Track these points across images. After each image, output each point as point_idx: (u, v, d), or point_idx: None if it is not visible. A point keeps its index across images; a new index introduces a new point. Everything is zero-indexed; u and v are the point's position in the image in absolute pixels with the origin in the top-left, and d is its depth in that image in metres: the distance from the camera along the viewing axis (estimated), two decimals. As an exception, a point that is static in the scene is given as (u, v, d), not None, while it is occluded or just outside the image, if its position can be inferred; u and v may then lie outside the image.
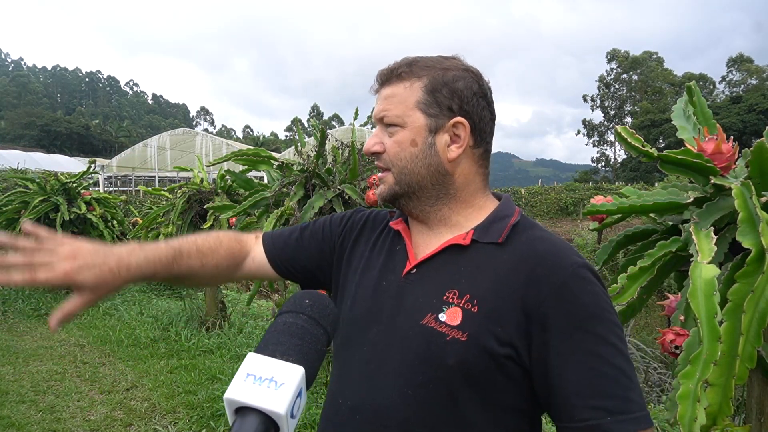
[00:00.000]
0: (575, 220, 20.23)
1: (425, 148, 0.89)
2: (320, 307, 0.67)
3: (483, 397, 0.80)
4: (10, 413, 3.40)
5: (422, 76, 0.89)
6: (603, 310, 0.78)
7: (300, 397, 0.55)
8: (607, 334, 0.77)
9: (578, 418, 0.74)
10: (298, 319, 0.64)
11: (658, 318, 6.65)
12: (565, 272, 0.80)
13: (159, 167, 27.10)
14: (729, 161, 1.28)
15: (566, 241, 0.88)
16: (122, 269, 0.87)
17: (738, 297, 1.06)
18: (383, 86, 0.92)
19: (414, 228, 0.97)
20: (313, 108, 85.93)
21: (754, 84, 47.24)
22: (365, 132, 5.27)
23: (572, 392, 0.75)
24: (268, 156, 3.43)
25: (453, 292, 0.83)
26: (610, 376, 0.75)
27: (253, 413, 0.52)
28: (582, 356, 0.76)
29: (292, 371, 0.55)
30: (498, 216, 0.91)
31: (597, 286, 0.80)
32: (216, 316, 5.42)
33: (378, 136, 0.93)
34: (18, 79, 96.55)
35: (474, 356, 0.79)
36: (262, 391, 0.53)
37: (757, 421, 1.26)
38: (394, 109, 0.89)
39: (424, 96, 0.88)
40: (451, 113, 0.89)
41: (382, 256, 0.97)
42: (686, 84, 1.56)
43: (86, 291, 0.83)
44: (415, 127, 0.89)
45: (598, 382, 0.74)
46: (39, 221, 6.11)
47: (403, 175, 0.90)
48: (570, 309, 0.78)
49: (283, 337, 0.61)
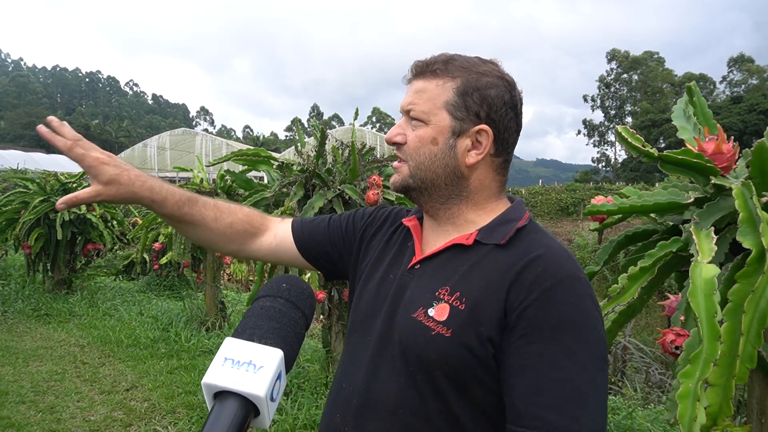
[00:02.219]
0: (576, 221, 20.24)
1: (445, 148, 0.90)
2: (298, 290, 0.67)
3: (466, 392, 0.81)
4: (10, 414, 3.40)
5: (456, 76, 0.89)
6: (581, 324, 0.76)
7: (280, 380, 0.55)
8: (577, 348, 0.74)
9: (521, 423, 0.73)
10: (275, 303, 0.63)
11: (659, 318, 6.64)
12: (555, 279, 0.78)
13: (159, 167, 27.10)
14: (729, 161, 1.27)
15: (569, 252, 0.86)
16: (138, 181, 0.98)
17: (738, 297, 1.05)
18: (416, 78, 0.92)
19: (426, 225, 0.99)
20: (313, 108, 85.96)
21: (755, 84, 47.22)
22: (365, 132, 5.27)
23: (521, 395, 0.74)
24: (268, 156, 3.43)
25: (446, 289, 0.85)
26: (563, 391, 0.72)
27: (233, 397, 0.52)
28: (541, 362, 0.74)
29: (270, 354, 0.55)
30: (505, 219, 0.91)
31: (585, 301, 0.78)
32: (216, 316, 5.42)
33: (402, 126, 0.94)
34: (18, 79, 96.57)
35: (456, 352, 0.80)
36: (241, 374, 0.52)
37: (757, 421, 1.26)
38: (422, 105, 0.90)
39: (454, 98, 0.88)
40: (478, 119, 0.88)
41: (393, 250, 1.00)
42: (686, 84, 1.56)
43: (101, 183, 0.95)
44: (439, 127, 0.89)
45: (550, 394, 0.72)
46: (39, 221, 6.11)
47: (419, 171, 0.91)
48: (546, 314, 0.76)
49: (261, 321, 0.60)
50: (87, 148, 0.96)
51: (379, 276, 0.97)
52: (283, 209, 3.07)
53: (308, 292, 0.68)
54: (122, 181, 0.96)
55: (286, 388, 3.62)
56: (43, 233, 6.15)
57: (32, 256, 6.40)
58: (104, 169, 0.95)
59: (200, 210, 1.06)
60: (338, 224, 1.12)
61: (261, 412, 0.52)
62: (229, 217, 1.09)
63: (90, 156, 0.94)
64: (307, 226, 1.13)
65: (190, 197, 1.05)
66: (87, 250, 6.67)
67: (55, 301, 6.24)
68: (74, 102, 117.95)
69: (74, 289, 6.71)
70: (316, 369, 3.91)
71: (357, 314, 0.98)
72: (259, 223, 1.13)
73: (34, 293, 6.48)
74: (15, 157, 19.61)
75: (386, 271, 0.97)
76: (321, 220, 1.15)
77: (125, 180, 0.96)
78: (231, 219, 1.09)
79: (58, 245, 6.29)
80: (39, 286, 6.79)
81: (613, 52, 56.28)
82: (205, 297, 5.59)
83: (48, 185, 6.36)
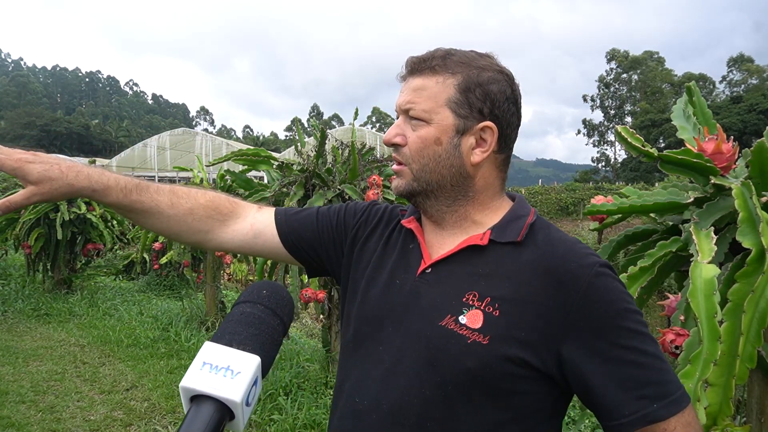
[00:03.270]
0: (575, 220, 20.24)
1: (450, 148, 0.86)
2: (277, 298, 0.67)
3: (501, 399, 0.80)
4: (10, 413, 3.40)
5: (456, 72, 0.85)
6: (627, 303, 0.79)
7: (255, 386, 0.56)
8: (636, 325, 0.78)
9: (628, 412, 0.75)
10: (255, 309, 0.64)
11: (659, 318, 6.63)
12: (588, 275, 0.79)
13: (159, 167, 27.10)
14: (729, 161, 1.27)
15: (580, 240, 0.87)
16: (71, 172, 0.90)
17: (738, 297, 1.05)
18: (413, 75, 0.88)
19: (426, 227, 0.95)
20: (313, 108, 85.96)
21: (755, 84, 47.24)
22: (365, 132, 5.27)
23: (618, 389, 0.76)
24: (268, 156, 3.43)
25: (473, 294, 0.82)
26: (646, 365, 0.76)
27: (209, 401, 0.53)
28: (619, 352, 0.76)
29: (248, 360, 0.56)
30: (514, 216, 0.89)
31: (617, 282, 0.81)
32: (216, 316, 5.42)
33: (400, 127, 0.89)
34: (18, 79, 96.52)
35: (495, 360, 0.78)
36: (218, 379, 0.53)
37: (757, 421, 1.26)
38: (423, 104, 0.86)
39: (456, 95, 0.85)
40: (481, 116, 0.86)
41: (394, 254, 0.95)
42: (686, 84, 1.56)
43: (31, 182, 0.87)
44: (442, 126, 0.85)
45: (638, 374, 0.76)
46: (39, 221, 6.11)
47: (423, 173, 0.87)
48: (598, 310, 0.78)
49: (240, 327, 0.61)
50: (7, 152, 0.88)
51: (384, 281, 0.92)
52: (283, 209, 3.06)
53: (287, 300, 0.68)
54: (53, 176, 0.88)
55: (286, 387, 3.62)
56: (43, 233, 6.15)
57: (32, 256, 6.40)
58: (30, 168, 0.87)
59: (152, 196, 0.97)
60: (327, 219, 1.05)
61: (236, 416, 0.53)
62: (188, 203, 1.00)
63: (10, 159, 0.87)
64: (293, 219, 1.05)
65: (139, 184, 0.97)
66: (87, 250, 6.67)
67: (55, 300, 6.24)
68: (74, 102, 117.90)
69: (74, 289, 6.72)
70: (316, 369, 3.91)
71: (359, 323, 0.93)
72: (228, 210, 1.03)
73: (34, 293, 6.49)
74: (15, 157, 19.56)
75: (391, 277, 0.92)
76: (308, 213, 1.07)
77: (56, 174, 0.88)
78: (190, 204, 1.00)
79: (58, 245, 6.29)
80: (39, 286, 6.79)
81: (613, 52, 56.28)
82: (205, 297, 5.59)
83: (48, 185, 6.35)
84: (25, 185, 0.88)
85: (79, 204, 6.24)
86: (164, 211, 0.99)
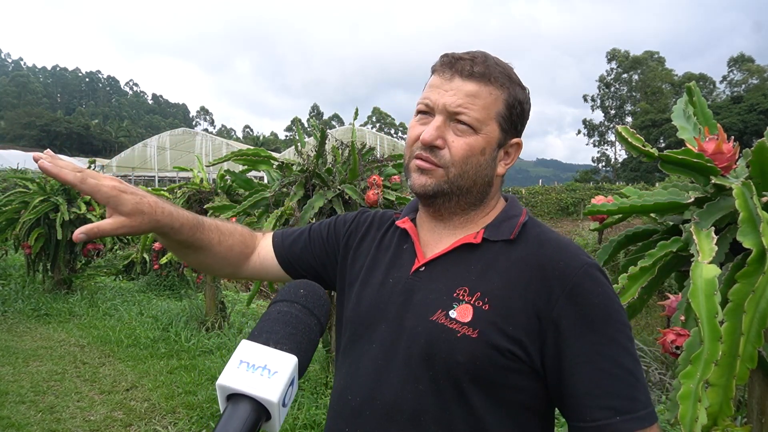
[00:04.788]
0: (576, 220, 20.23)
1: (490, 160, 0.89)
2: (314, 297, 0.67)
3: (492, 393, 0.81)
4: (10, 413, 3.40)
5: (504, 86, 0.88)
6: (613, 311, 0.80)
7: (292, 386, 0.55)
8: (617, 335, 0.79)
9: (589, 418, 0.76)
10: (292, 308, 0.64)
11: (659, 318, 6.63)
12: (576, 274, 0.81)
13: (159, 167, 27.10)
14: (730, 161, 1.27)
15: (573, 241, 0.89)
16: (158, 208, 0.89)
17: (739, 297, 1.05)
18: (463, 78, 0.86)
19: (424, 226, 0.96)
20: (313, 108, 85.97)
21: (755, 84, 47.21)
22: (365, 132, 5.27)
23: (584, 393, 0.77)
24: (268, 156, 3.42)
25: (464, 290, 0.84)
26: (618, 377, 0.77)
27: (245, 400, 0.52)
28: (593, 357, 0.77)
29: (285, 360, 0.55)
30: (507, 215, 0.92)
31: (606, 287, 0.82)
32: (216, 316, 5.42)
33: (440, 129, 0.87)
34: (18, 79, 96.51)
35: (483, 353, 0.79)
36: (255, 378, 0.53)
37: (757, 421, 1.26)
38: (476, 112, 0.86)
39: (504, 110, 0.88)
40: (515, 132, 0.91)
41: (388, 254, 0.97)
42: (686, 84, 1.56)
43: (123, 214, 0.85)
44: (489, 138, 0.88)
45: (608, 383, 0.76)
46: (39, 221, 6.11)
47: (460, 179, 0.88)
48: (582, 311, 0.79)
49: (277, 326, 0.61)
50: (96, 176, 0.85)
51: (377, 281, 0.94)
52: (283, 209, 3.07)
53: (324, 299, 0.68)
54: (144, 209, 0.86)
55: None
56: (43, 233, 6.15)
57: (32, 256, 6.40)
58: (125, 198, 0.84)
59: (207, 234, 0.99)
60: (318, 234, 1.07)
61: (272, 416, 0.53)
62: (229, 240, 1.03)
63: (105, 186, 0.84)
64: (287, 239, 1.08)
65: (198, 221, 0.98)
66: (87, 250, 6.67)
67: (55, 301, 6.24)
68: (74, 102, 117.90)
69: (74, 289, 6.71)
70: (316, 369, 3.91)
71: (355, 323, 0.94)
72: (250, 241, 1.08)
73: (34, 293, 6.48)
74: (15, 157, 19.56)
75: (385, 276, 0.93)
76: (301, 231, 1.10)
77: (146, 209, 0.87)
78: (230, 242, 1.03)
79: (58, 245, 6.29)
80: (39, 286, 6.79)
81: (613, 52, 56.28)
82: (205, 297, 5.59)
83: (48, 185, 6.35)
84: (110, 214, 0.86)
85: (79, 204, 6.24)
86: (214, 247, 1.01)
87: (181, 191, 5.24)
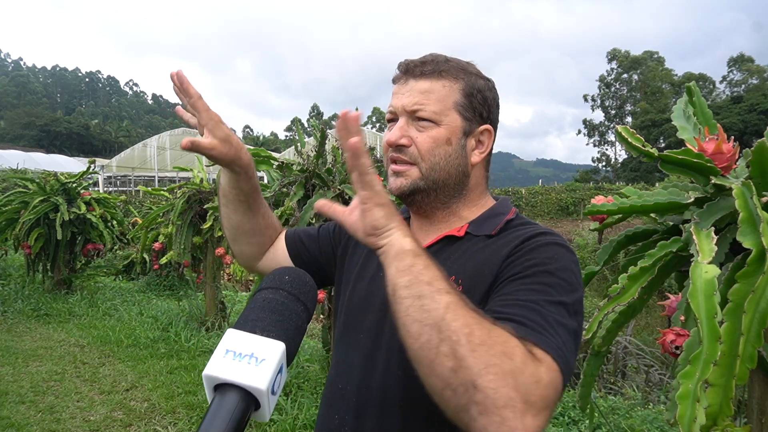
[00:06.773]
0: (576, 220, 20.24)
1: (458, 149, 0.92)
2: (300, 283, 0.66)
3: None
4: (10, 414, 3.39)
5: (459, 78, 0.91)
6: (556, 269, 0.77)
7: (281, 374, 0.55)
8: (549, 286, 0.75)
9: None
10: (277, 295, 0.63)
11: (659, 318, 6.63)
12: (534, 236, 0.84)
13: (159, 167, 27.09)
14: (730, 161, 1.27)
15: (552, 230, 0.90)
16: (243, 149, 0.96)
17: (738, 297, 1.05)
18: (416, 78, 0.91)
19: (414, 224, 1.00)
20: (313, 108, 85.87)
21: (755, 84, 47.23)
22: (365, 132, 5.27)
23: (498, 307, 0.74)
24: (268, 156, 3.42)
25: None
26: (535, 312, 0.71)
27: (233, 390, 0.51)
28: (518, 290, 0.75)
29: (272, 347, 0.54)
30: (494, 213, 0.95)
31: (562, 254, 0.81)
32: (215, 316, 5.42)
33: (403, 129, 0.91)
34: (18, 79, 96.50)
35: None
36: (243, 367, 0.52)
37: (757, 421, 1.26)
38: (432, 106, 0.90)
39: (462, 99, 0.91)
40: (482, 120, 0.93)
41: None
42: (686, 84, 1.56)
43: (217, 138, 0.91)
44: (452, 127, 0.91)
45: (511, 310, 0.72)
46: (39, 221, 6.11)
47: (433, 172, 0.91)
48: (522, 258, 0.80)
49: (263, 313, 0.60)
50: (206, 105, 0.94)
51: (369, 276, 0.97)
52: (283, 209, 3.06)
53: (310, 285, 0.67)
54: (233, 143, 0.93)
55: (286, 387, 3.62)
56: (42, 233, 6.15)
57: (32, 256, 6.40)
58: (222, 127, 0.93)
59: (262, 201, 1.05)
60: (326, 231, 1.13)
61: (261, 405, 0.52)
62: (272, 219, 1.10)
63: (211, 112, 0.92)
64: (298, 234, 1.13)
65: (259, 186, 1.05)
66: (87, 250, 6.66)
67: (55, 301, 6.24)
68: (74, 102, 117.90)
69: (74, 289, 6.72)
70: (316, 369, 3.91)
71: (347, 315, 0.98)
72: (279, 233, 1.13)
73: (33, 293, 6.48)
74: (15, 157, 19.59)
75: (376, 270, 0.96)
76: (312, 228, 1.16)
77: (235, 143, 0.94)
78: (272, 221, 1.10)
79: (58, 245, 6.29)
80: (39, 286, 6.79)
81: (614, 52, 56.29)
82: (205, 297, 5.59)
83: (48, 185, 6.35)
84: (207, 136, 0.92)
85: (79, 204, 6.24)
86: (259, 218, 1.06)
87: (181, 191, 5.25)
